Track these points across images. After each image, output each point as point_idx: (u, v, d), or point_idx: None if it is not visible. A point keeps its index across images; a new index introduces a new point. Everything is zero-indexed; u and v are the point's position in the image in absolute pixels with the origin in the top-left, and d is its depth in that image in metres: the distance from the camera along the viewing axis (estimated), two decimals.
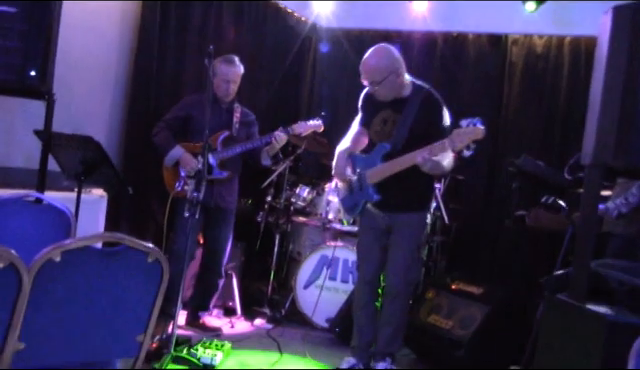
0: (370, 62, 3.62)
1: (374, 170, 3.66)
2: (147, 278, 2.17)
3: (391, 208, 3.67)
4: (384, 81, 3.59)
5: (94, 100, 4.61)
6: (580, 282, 2.73)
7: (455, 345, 3.94)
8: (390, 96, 3.66)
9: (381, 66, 3.58)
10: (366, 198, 3.70)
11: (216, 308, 4.72)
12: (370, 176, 3.67)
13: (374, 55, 3.63)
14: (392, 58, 3.61)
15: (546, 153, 5.22)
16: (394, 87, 3.63)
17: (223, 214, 4.39)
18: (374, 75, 3.59)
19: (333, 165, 3.85)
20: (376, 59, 3.61)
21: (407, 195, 3.65)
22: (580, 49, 5.39)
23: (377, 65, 3.59)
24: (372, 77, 3.60)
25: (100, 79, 4.65)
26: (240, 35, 5.50)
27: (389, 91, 3.64)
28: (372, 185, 3.66)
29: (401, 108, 3.64)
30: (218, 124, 4.30)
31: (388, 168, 3.59)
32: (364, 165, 3.73)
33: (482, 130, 3.24)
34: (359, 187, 3.74)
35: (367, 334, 3.83)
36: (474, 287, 4.28)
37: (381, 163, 3.63)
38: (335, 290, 4.68)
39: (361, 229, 3.93)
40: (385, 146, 3.63)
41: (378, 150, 3.66)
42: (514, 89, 5.65)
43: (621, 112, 2.65)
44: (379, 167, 3.63)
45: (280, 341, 4.26)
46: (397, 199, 3.63)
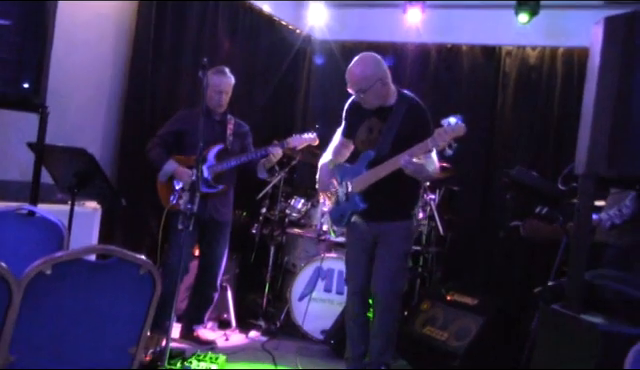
0: (356, 71, 3.62)
1: (359, 178, 3.65)
2: (139, 290, 2.15)
3: (376, 217, 3.66)
4: (370, 89, 3.59)
5: (88, 112, 4.61)
6: (575, 292, 2.73)
7: (450, 356, 3.92)
8: (376, 104, 3.66)
9: (367, 74, 3.58)
10: (352, 208, 3.69)
11: (210, 321, 4.69)
12: (355, 185, 3.66)
13: (360, 63, 3.63)
14: (378, 66, 3.62)
15: (540, 164, 5.24)
16: (380, 95, 3.63)
17: (218, 227, 4.38)
18: (360, 83, 3.59)
19: (317, 179, 3.85)
20: (362, 67, 3.61)
21: (392, 204, 3.65)
22: (573, 60, 5.42)
23: (363, 73, 3.59)
24: (358, 85, 3.60)
25: (94, 92, 4.65)
26: (234, 47, 5.51)
27: (375, 99, 3.64)
28: (357, 194, 3.65)
29: (386, 116, 3.64)
30: (212, 137, 4.29)
31: (372, 175, 3.58)
32: (350, 175, 3.72)
33: (463, 127, 3.25)
34: (345, 197, 3.73)
35: (360, 346, 3.81)
36: (469, 298, 4.28)
37: (366, 171, 3.63)
38: (330, 302, 4.66)
39: (348, 241, 3.92)
40: (370, 153, 3.63)
41: (363, 158, 3.66)
42: (508, 100, 5.67)
43: (613, 122, 2.66)
44: (364, 175, 3.62)
45: (275, 354, 4.24)
46: (382, 208, 3.62)
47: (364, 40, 6.14)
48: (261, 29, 5.83)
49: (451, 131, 3.26)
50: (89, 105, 4.62)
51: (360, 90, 3.61)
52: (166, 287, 2.65)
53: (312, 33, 6.30)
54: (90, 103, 4.62)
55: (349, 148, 3.86)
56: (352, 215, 3.73)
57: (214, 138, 4.30)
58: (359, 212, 3.68)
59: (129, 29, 4.76)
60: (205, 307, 4.45)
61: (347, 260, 3.92)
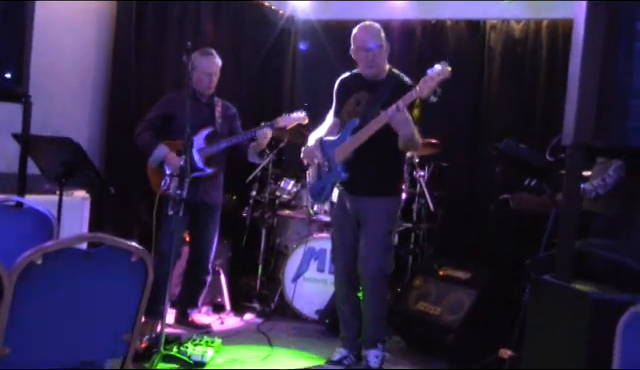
0: (372, 30, 3.67)
1: (342, 145, 3.64)
2: (131, 277, 2.15)
3: (360, 191, 3.66)
4: (380, 49, 3.64)
5: (72, 102, 4.57)
6: (565, 262, 2.75)
7: (444, 331, 3.96)
8: (378, 70, 3.67)
9: (380, 36, 3.67)
10: (334, 177, 3.67)
11: (205, 305, 4.71)
12: (338, 152, 3.66)
13: (372, 26, 3.70)
14: (383, 35, 3.71)
15: (527, 136, 5.24)
16: (382, 61, 3.68)
17: (209, 210, 4.37)
18: (377, 40, 3.64)
19: (302, 150, 3.87)
20: (377, 29, 3.69)
21: (375, 177, 3.65)
22: (557, 32, 5.41)
23: (378, 33, 3.66)
24: (375, 42, 3.63)
25: (78, 80, 4.61)
26: (218, 30, 5.47)
27: (381, 62, 3.67)
28: (340, 163, 3.65)
29: (375, 90, 3.66)
30: (200, 120, 4.26)
31: (355, 139, 3.58)
32: (333, 146, 3.71)
33: (449, 70, 3.26)
34: (328, 169, 3.72)
35: (352, 325, 3.84)
36: (461, 272, 4.31)
37: None
38: (323, 282, 4.68)
39: (333, 221, 3.92)
40: (355, 121, 3.63)
41: (348, 127, 3.66)
42: (494, 74, 5.67)
43: (599, 92, 2.66)
44: (347, 141, 3.62)
45: (270, 335, 4.26)
46: (365, 181, 3.62)
47: (348, 19, 6.08)
48: (245, 11, 5.79)
49: (436, 75, 3.27)
50: (73, 94, 4.58)
51: (379, 46, 3.62)
52: (159, 273, 2.65)
53: (295, 13, 6.26)
54: (74, 92, 4.59)
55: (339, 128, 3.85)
56: (333, 187, 3.71)
57: (203, 121, 4.28)
58: (341, 183, 3.67)
59: (111, 15, 4.70)
60: (198, 291, 4.46)
61: (333, 240, 3.93)
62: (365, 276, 3.68)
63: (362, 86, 3.72)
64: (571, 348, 2.62)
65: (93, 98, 4.71)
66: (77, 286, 2.05)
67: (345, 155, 3.62)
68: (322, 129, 3.89)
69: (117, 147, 4.70)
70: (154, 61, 4.94)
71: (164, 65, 4.99)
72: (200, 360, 3.61)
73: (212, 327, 4.43)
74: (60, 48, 4.35)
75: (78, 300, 2.07)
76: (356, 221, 3.73)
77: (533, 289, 3.10)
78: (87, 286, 2.07)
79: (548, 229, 3.55)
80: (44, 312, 2.00)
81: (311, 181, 3.89)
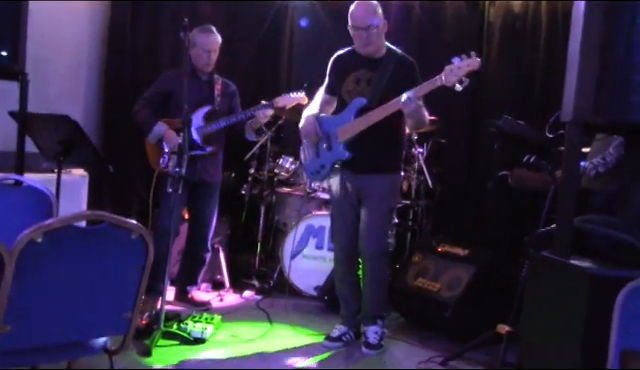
0: (369, 7, 3.61)
1: (347, 126, 3.62)
2: (132, 255, 2.16)
3: (360, 169, 3.65)
4: (377, 28, 3.58)
5: (68, 79, 4.55)
6: (564, 238, 2.76)
7: (443, 307, 3.98)
8: (375, 48, 3.63)
9: (378, 12, 3.61)
10: (336, 157, 3.66)
11: (204, 282, 4.73)
12: (342, 132, 3.63)
13: (369, 3, 3.63)
14: (380, 11, 3.64)
15: (527, 112, 5.22)
16: (380, 39, 3.63)
17: (207, 188, 4.36)
18: (373, 18, 3.58)
19: (300, 127, 3.82)
20: (373, 6, 3.62)
21: (377, 154, 3.64)
22: (557, 8, 5.36)
23: (375, 11, 3.60)
24: (372, 20, 3.58)
25: (74, 57, 4.58)
26: (215, 6, 5.42)
27: (378, 40, 3.62)
28: (343, 143, 3.64)
29: (375, 68, 3.63)
30: (199, 98, 4.24)
31: (363, 121, 3.56)
32: (334, 124, 3.68)
33: (479, 60, 3.24)
34: (328, 147, 3.70)
35: (352, 303, 3.87)
36: (460, 249, 4.32)
37: (355, 119, 3.61)
38: (322, 259, 4.69)
39: (332, 198, 3.90)
40: (361, 100, 3.60)
41: (353, 105, 3.62)
42: (493, 50, 5.63)
43: (599, 69, 2.65)
44: (353, 122, 3.60)
45: (270, 311, 4.28)
46: (366, 159, 3.61)
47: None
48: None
49: (465, 66, 3.25)
50: (69, 72, 4.56)
51: (371, 26, 3.57)
52: (158, 250, 2.65)
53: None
54: (70, 70, 4.56)
55: (332, 105, 3.82)
56: (333, 166, 3.70)
57: (202, 99, 4.26)
58: (343, 162, 3.66)
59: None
60: (198, 268, 4.47)
61: (332, 218, 3.92)
62: (366, 253, 3.69)
63: (361, 64, 3.68)
64: (569, 323, 2.64)
65: (89, 76, 4.69)
66: (77, 264, 2.06)
67: (351, 135, 3.60)
68: (314, 105, 3.85)
69: (114, 125, 4.69)
70: (150, 38, 4.90)
71: (160, 42, 4.96)
72: (200, 337, 3.63)
73: (211, 304, 4.45)
74: (55, 25, 4.31)
75: (79, 278, 2.07)
76: (357, 199, 3.72)
77: (531, 265, 3.12)
78: (88, 264, 2.08)
79: (547, 206, 3.56)
80: (44, 290, 2.01)
81: (308, 158, 3.86)
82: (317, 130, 3.72)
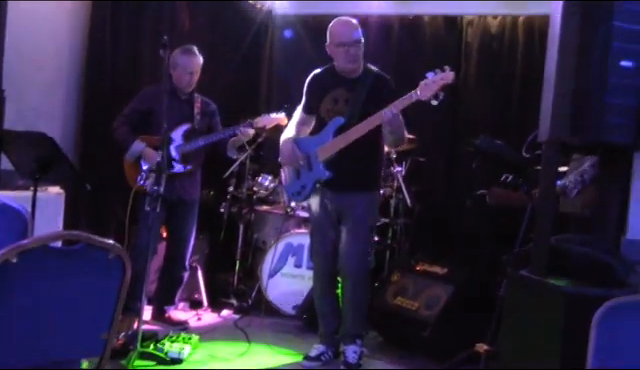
0: (354, 23, 3.65)
1: (326, 145, 3.63)
2: (109, 275, 2.13)
3: (341, 188, 3.65)
4: (360, 44, 3.62)
5: (47, 96, 4.50)
6: (540, 257, 2.79)
7: (421, 326, 3.98)
8: (356, 65, 3.65)
9: (359, 30, 3.64)
10: (317, 176, 3.66)
11: (182, 301, 4.68)
12: (322, 151, 3.64)
13: (351, 20, 3.68)
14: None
15: (504, 132, 5.27)
16: (361, 56, 3.65)
17: (186, 206, 4.34)
18: (359, 34, 3.62)
19: (280, 154, 3.82)
20: (356, 22, 3.66)
21: (357, 173, 3.64)
22: (534, 28, 5.46)
23: (357, 27, 3.64)
24: (358, 35, 3.61)
25: (52, 74, 4.53)
26: (195, 24, 5.41)
27: (359, 58, 3.65)
28: (323, 162, 3.63)
29: (353, 87, 3.65)
30: (179, 116, 4.24)
31: (342, 139, 3.56)
32: (313, 144, 3.69)
33: (452, 74, 3.27)
34: (308, 168, 3.70)
35: (331, 322, 3.85)
36: (438, 267, 4.33)
37: (334, 138, 3.61)
38: (301, 277, 4.67)
39: (312, 217, 3.88)
40: (339, 120, 3.61)
41: (331, 125, 3.63)
42: (471, 69, 5.70)
43: (575, 89, 2.69)
44: (332, 141, 3.61)
45: (248, 331, 4.25)
46: (347, 177, 3.61)
47: (326, 13, 6.07)
48: (222, 5, 5.74)
49: (439, 80, 3.28)
50: (48, 88, 4.50)
51: (358, 41, 3.60)
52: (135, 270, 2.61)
53: (273, 8, 6.23)
54: (49, 86, 4.51)
55: (309, 125, 3.83)
56: (315, 185, 3.70)
57: (181, 118, 4.25)
58: (324, 181, 3.66)
59: (86, 7, 4.63)
60: (175, 288, 4.43)
61: (312, 236, 3.90)
62: (347, 272, 3.68)
63: (338, 83, 3.70)
64: (546, 342, 2.65)
65: (67, 93, 4.65)
66: (53, 284, 2.02)
67: (330, 154, 3.61)
68: (292, 126, 3.86)
69: (92, 142, 4.64)
70: (129, 56, 4.88)
71: (140, 60, 4.94)
72: (177, 357, 3.59)
73: (189, 323, 4.40)
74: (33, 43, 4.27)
75: (55, 299, 2.03)
76: (337, 218, 3.72)
77: (509, 284, 3.14)
78: (64, 284, 2.04)
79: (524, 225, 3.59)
80: (19, 311, 1.97)
81: (288, 180, 3.85)
82: (296, 154, 3.71)
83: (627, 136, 2.72)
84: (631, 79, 2.68)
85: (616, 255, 2.79)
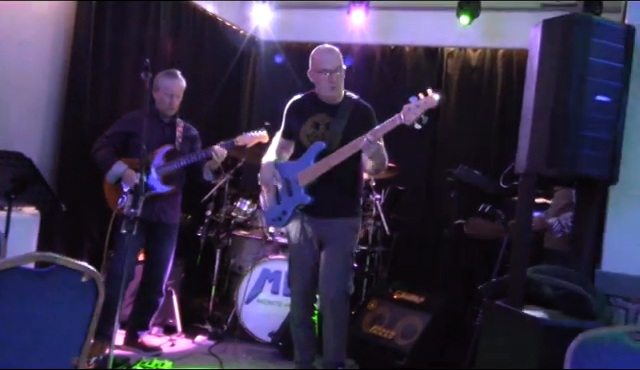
0: (333, 50, 3.69)
1: (307, 170, 3.62)
2: (81, 298, 2.10)
3: (322, 214, 3.64)
4: (340, 72, 3.65)
5: (26, 116, 4.45)
6: (516, 288, 2.80)
7: (398, 355, 3.97)
8: (336, 92, 3.68)
9: (340, 57, 3.67)
10: (298, 202, 3.63)
11: (156, 326, 4.61)
12: (302, 176, 3.62)
13: (333, 47, 3.71)
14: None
15: (482, 162, 5.34)
16: (342, 83, 3.68)
17: (166, 229, 4.30)
18: (337, 61, 3.65)
19: (259, 176, 3.81)
20: (337, 51, 3.70)
21: (338, 200, 3.64)
22: (512, 61, 5.56)
23: (338, 55, 3.67)
24: (337, 62, 3.64)
25: (32, 95, 4.49)
26: (178, 48, 5.43)
27: (340, 85, 3.67)
28: (303, 187, 3.63)
29: (334, 112, 3.67)
30: (161, 139, 4.24)
31: (323, 165, 3.57)
32: (294, 169, 3.68)
33: (436, 98, 3.29)
34: (288, 193, 3.68)
35: (307, 350, 3.79)
36: (415, 296, 4.33)
37: (315, 163, 3.61)
38: (278, 304, 4.63)
39: (291, 242, 3.83)
40: (320, 145, 3.61)
41: (313, 150, 3.63)
42: (450, 101, 5.78)
43: (552, 122, 2.74)
44: (313, 166, 3.60)
45: (222, 357, 4.20)
46: (328, 203, 3.61)
47: (309, 41, 6.14)
48: (205, 30, 5.76)
49: (423, 104, 3.30)
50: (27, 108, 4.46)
51: (337, 69, 3.63)
52: (110, 294, 2.58)
53: (257, 34, 6.27)
54: (28, 106, 4.47)
55: (289, 150, 3.83)
56: (295, 211, 3.69)
57: (163, 140, 4.25)
58: (304, 207, 3.65)
59: (68, 30, 4.62)
60: (150, 313, 4.37)
61: (290, 263, 3.87)
62: (327, 298, 3.63)
63: (319, 108, 3.71)
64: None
65: (47, 113, 4.60)
66: (25, 307, 1.99)
67: (311, 179, 3.60)
68: (272, 151, 3.85)
69: (70, 162, 4.59)
70: (111, 78, 4.86)
71: (121, 82, 4.92)
72: None
73: (162, 349, 4.33)
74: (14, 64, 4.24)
75: (26, 321, 2.00)
76: (318, 244, 3.70)
77: (485, 314, 3.15)
78: (35, 307, 2.01)
79: (501, 255, 3.62)
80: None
81: (267, 205, 3.83)
82: (276, 177, 3.71)
83: (602, 169, 2.77)
84: (606, 114, 2.74)
85: (590, 287, 2.81)
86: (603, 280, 2.90)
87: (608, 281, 2.89)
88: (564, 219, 3.83)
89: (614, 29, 2.76)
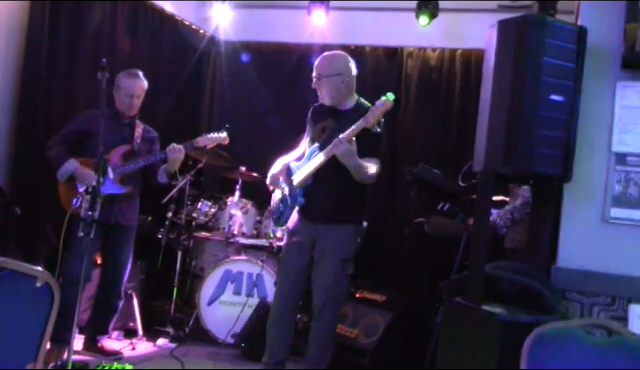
0: (324, 57, 3.71)
1: (300, 171, 3.68)
2: (36, 303, 2.05)
3: (316, 218, 3.64)
4: (327, 79, 3.64)
5: None
6: (475, 285, 2.84)
7: (360, 353, 3.99)
8: (329, 99, 3.69)
9: (332, 64, 3.68)
10: (292, 203, 3.69)
11: (116, 330, 4.54)
12: (296, 178, 3.69)
13: (332, 53, 3.75)
14: (345, 64, 3.70)
15: (442, 161, 5.40)
16: (335, 90, 3.66)
17: (123, 232, 4.24)
18: (321, 69, 3.67)
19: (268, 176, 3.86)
20: (330, 57, 3.72)
21: (332, 204, 3.62)
22: (470, 61, 5.64)
23: (328, 62, 3.69)
24: (319, 70, 3.67)
25: None
26: (135, 48, 5.35)
27: (329, 91, 3.67)
28: (300, 188, 3.66)
29: (340, 118, 3.66)
30: (119, 139, 4.18)
31: (310, 165, 3.61)
32: (295, 171, 3.75)
33: (390, 101, 3.36)
34: (289, 194, 3.75)
35: (278, 352, 3.71)
36: (377, 295, 4.36)
37: None
38: (240, 305, 4.60)
39: (286, 243, 3.82)
40: (315, 148, 3.65)
41: (310, 153, 3.68)
42: (410, 100, 5.83)
43: (508, 121, 2.78)
44: (303, 167, 3.66)
45: (184, 360, 4.16)
46: (322, 207, 3.62)
47: (269, 41, 6.14)
48: (163, 29, 5.70)
49: (380, 106, 3.37)
50: None
51: (319, 76, 3.66)
52: (67, 298, 2.53)
53: (216, 34, 6.23)
54: None
55: None
56: (292, 211, 3.70)
57: (121, 140, 4.19)
58: (299, 208, 3.66)
59: (21, 28, 4.52)
60: (109, 317, 4.30)
61: (281, 263, 3.86)
62: (318, 302, 3.61)
63: (329, 114, 3.74)
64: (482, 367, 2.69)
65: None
66: None
67: (301, 180, 3.64)
68: (292, 155, 3.89)
69: (24, 164, 4.49)
70: (66, 77, 4.77)
71: (76, 81, 4.83)
72: None
73: (123, 353, 4.27)
74: None
75: None
76: (310, 247, 3.66)
77: (445, 311, 3.19)
78: None
79: (460, 252, 3.66)
80: None
81: (273, 205, 3.89)
82: (283, 176, 3.78)
83: (557, 167, 2.82)
84: (560, 113, 2.79)
85: (546, 283, 2.87)
86: (558, 275, 2.96)
87: (563, 276, 2.95)
88: (504, 213, 3.90)
89: (567, 30, 2.82)
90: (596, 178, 2.98)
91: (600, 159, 2.98)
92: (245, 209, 5.07)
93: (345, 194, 3.64)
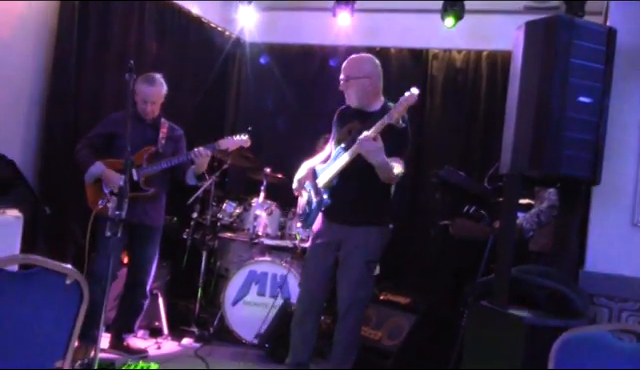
0: (352, 59, 3.71)
1: (324, 173, 3.69)
2: (65, 301, 2.08)
3: (341, 219, 3.63)
4: (355, 80, 3.64)
5: (8, 117, 4.42)
6: (501, 288, 2.81)
7: (384, 355, 3.98)
8: (356, 100, 3.69)
9: (360, 66, 3.67)
10: (320, 203, 3.68)
11: (141, 329, 4.58)
12: (321, 178, 3.70)
13: (359, 56, 3.74)
14: (373, 66, 3.70)
15: (467, 164, 5.36)
16: (362, 92, 3.66)
17: (148, 232, 4.28)
18: (349, 71, 3.67)
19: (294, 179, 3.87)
20: (359, 59, 3.72)
21: (359, 206, 3.61)
22: (497, 62, 5.59)
23: (356, 63, 3.68)
24: (347, 72, 3.67)
25: (14, 96, 4.46)
26: (162, 49, 5.41)
27: (356, 93, 3.67)
28: (325, 190, 3.66)
29: (366, 120, 3.61)
30: (144, 140, 4.20)
31: (335, 165, 3.61)
32: (322, 173, 3.76)
33: (414, 95, 3.31)
34: (315, 195, 3.74)
35: (300, 353, 3.71)
36: (401, 297, 4.34)
37: None
38: (264, 305, 4.63)
39: (311, 244, 3.81)
40: (341, 150, 3.64)
41: (335, 155, 3.68)
42: (435, 102, 5.80)
43: (535, 123, 2.76)
44: (328, 168, 3.66)
45: (209, 360, 4.18)
46: (347, 209, 3.60)
47: (294, 43, 6.15)
48: (190, 31, 5.75)
49: (404, 101, 3.33)
50: (9, 109, 4.43)
51: (346, 77, 3.66)
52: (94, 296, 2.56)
53: (242, 36, 6.26)
54: (10, 107, 4.43)
55: None
56: (318, 212, 3.70)
57: (146, 142, 4.22)
58: (325, 209, 3.66)
59: (52, 29, 4.59)
60: (135, 315, 4.34)
61: (306, 264, 3.86)
62: (342, 303, 3.61)
63: (355, 116, 3.73)
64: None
65: (29, 114, 4.57)
66: (8, 309, 1.97)
67: (327, 181, 3.65)
68: (317, 158, 3.90)
69: (54, 164, 4.56)
70: (95, 78, 4.83)
71: (105, 82, 4.89)
72: None
73: (148, 352, 4.31)
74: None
75: (9, 323, 1.98)
76: (336, 248, 3.66)
77: (470, 314, 3.16)
78: (18, 309, 1.99)
79: (486, 255, 3.63)
80: None
81: (300, 207, 3.89)
82: (309, 179, 3.78)
83: (585, 170, 2.79)
84: (588, 115, 2.76)
85: (574, 287, 2.84)
86: (587, 280, 2.93)
87: (591, 281, 2.92)
88: (530, 216, 3.86)
89: (596, 31, 2.79)
90: (625, 181, 2.94)
91: (629, 162, 2.94)
92: (270, 210, 5.08)
93: (370, 195, 3.63)
